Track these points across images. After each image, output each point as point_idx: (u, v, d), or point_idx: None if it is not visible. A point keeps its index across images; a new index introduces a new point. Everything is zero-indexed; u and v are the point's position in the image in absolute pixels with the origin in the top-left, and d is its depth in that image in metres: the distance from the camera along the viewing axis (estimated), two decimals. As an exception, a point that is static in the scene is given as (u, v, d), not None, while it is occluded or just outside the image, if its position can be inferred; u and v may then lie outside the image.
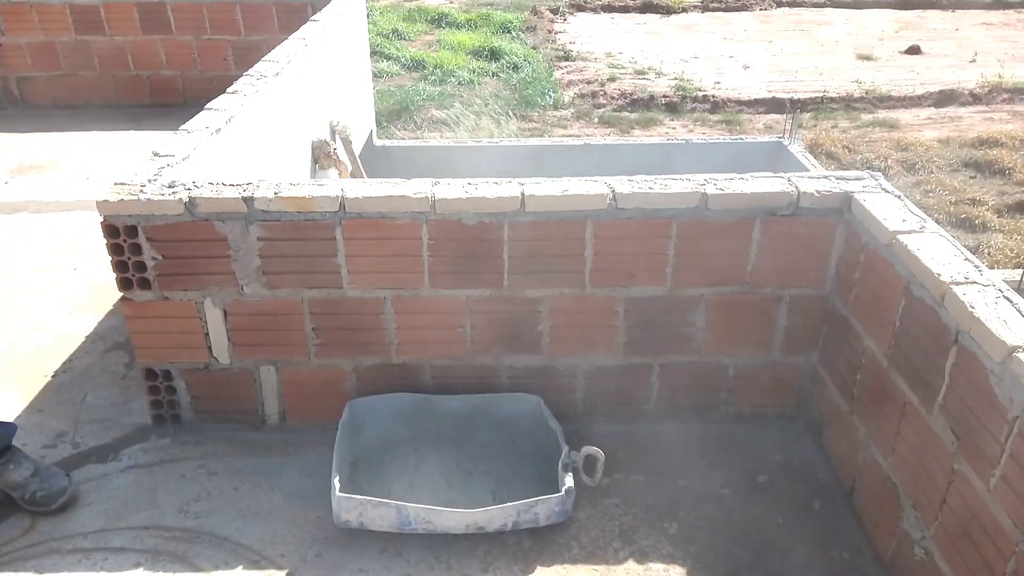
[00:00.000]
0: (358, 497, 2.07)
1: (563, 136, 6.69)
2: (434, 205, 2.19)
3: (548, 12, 11.23)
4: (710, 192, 2.19)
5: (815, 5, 11.93)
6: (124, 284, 2.28)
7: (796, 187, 2.21)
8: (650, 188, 2.20)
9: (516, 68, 8.52)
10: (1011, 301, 1.66)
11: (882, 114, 7.27)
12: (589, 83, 8.14)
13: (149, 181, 2.22)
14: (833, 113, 7.28)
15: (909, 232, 1.96)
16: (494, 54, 8.89)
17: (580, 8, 11.67)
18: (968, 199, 5.24)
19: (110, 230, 2.18)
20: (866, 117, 7.16)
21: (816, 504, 2.29)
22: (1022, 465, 1.50)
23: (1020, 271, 3.10)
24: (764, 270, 2.32)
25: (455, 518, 2.07)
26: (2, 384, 2.76)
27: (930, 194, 5.37)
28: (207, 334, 2.39)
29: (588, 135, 6.74)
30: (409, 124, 6.94)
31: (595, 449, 2.18)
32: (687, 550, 2.14)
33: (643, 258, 2.29)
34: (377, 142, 5.14)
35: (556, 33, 10.35)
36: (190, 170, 2.34)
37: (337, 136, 4.07)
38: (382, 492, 2.23)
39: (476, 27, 10.13)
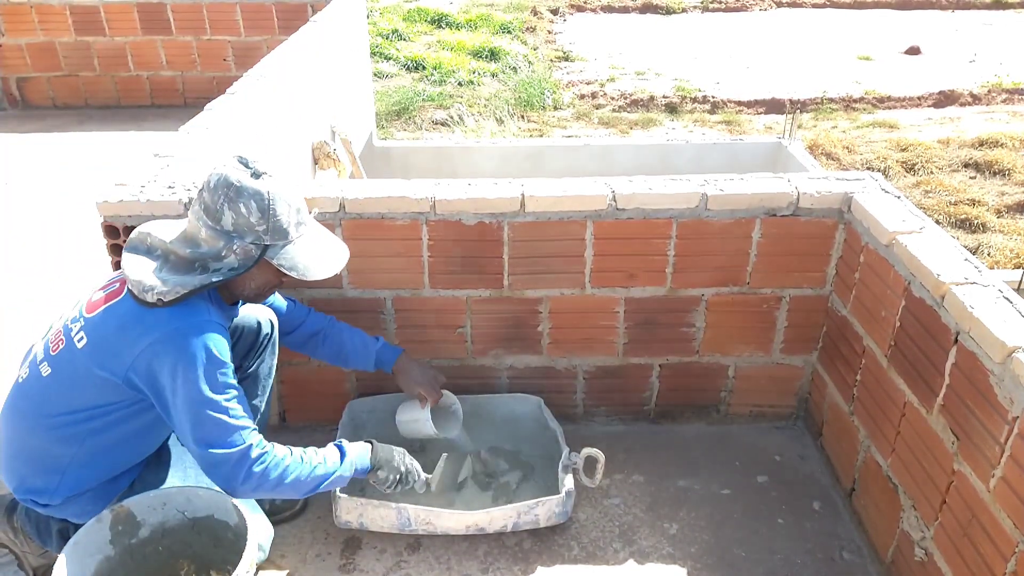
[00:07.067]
0: (358, 498, 2.07)
1: (563, 136, 6.69)
2: (434, 205, 2.19)
3: (548, 13, 11.23)
4: (710, 192, 2.19)
5: (815, 5, 11.94)
6: (124, 285, 2.27)
7: (796, 188, 2.21)
8: (650, 188, 2.21)
9: (516, 69, 8.52)
10: (1011, 301, 1.66)
11: (882, 114, 7.27)
12: (589, 84, 8.14)
13: (149, 182, 2.22)
14: (833, 113, 7.28)
15: (909, 233, 1.96)
16: (494, 55, 8.90)
17: (580, 9, 11.68)
18: (968, 200, 5.24)
19: (110, 231, 2.18)
20: (866, 118, 7.15)
21: (816, 504, 2.29)
22: (1022, 465, 1.50)
23: (1020, 271, 3.09)
24: (764, 270, 2.32)
25: (455, 519, 2.07)
26: (3, 385, 2.76)
27: (930, 195, 5.37)
28: (207, 335, 2.38)
29: (588, 135, 6.73)
30: (409, 125, 6.94)
31: (595, 450, 2.18)
32: (687, 550, 2.14)
33: (643, 258, 2.29)
34: (377, 143, 5.14)
35: (556, 34, 10.35)
36: (190, 170, 2.33)
37: (337, 137, 4.07)
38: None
39: (476, 28, 10.14)
